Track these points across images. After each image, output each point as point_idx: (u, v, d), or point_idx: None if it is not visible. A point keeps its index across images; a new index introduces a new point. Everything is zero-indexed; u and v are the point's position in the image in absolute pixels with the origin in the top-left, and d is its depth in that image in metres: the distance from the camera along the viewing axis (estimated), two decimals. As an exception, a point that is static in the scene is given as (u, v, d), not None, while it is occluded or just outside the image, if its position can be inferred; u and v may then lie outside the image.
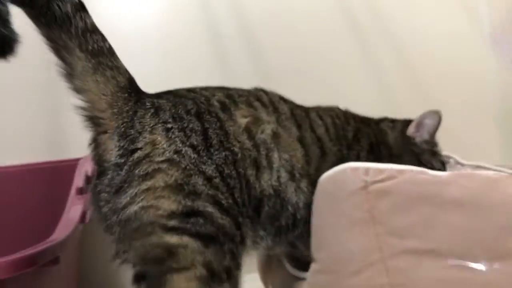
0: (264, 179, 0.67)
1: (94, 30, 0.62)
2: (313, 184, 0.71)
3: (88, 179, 0.87)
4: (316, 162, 0.74)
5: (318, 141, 0.75)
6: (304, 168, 0.71)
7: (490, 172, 0.68)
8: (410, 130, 0.86)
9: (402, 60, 1.38)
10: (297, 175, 0.70)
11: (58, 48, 0.61)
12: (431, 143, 0.86)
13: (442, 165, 0.85)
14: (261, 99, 0.73)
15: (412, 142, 0.85)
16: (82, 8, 0.61)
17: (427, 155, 0.84)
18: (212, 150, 0.62)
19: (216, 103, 0.68)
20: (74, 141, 1.07)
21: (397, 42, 1.38)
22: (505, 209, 0.61)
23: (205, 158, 0.61)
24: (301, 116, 0.77)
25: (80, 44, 0.60)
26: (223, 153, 0.63)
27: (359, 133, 0.82)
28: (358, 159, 0.77)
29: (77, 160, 1.01)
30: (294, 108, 0.78)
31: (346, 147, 0.79)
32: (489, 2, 1.39)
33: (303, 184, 0.71)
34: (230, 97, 0.70)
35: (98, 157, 0.62)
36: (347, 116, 0.85)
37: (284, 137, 0.71)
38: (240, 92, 0.73)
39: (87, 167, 0.91)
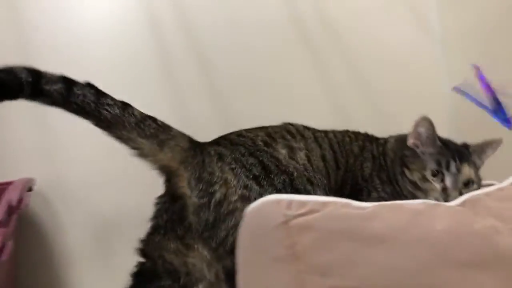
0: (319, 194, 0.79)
1: (144, 118, 0.77)
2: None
3: (11, 209, 0.82)
4: (333, 174, 0.85)
5: (334, 155, 0.87)
6: (326, 181, 0.83)
7: (418, 202, 0.66)
8: (410, 141, 0.88)
9: (354, 72, 1.36)
10: (327, 189, 0.82)
11: (124, 140, 0.76)
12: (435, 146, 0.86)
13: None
14: (290, 131, 0.86)
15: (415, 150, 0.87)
16: (127, 105, 0.77)
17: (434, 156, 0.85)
18: (272, 175, 0.76)
19: (260, 142, 0.81)
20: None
21: (348, 53, 1.35)
22: (427, 245, 0.59)
23: (266, 187, 0.74)
24: (321, 137, 0.88)
25: (138, 133, 0.75)
26: (282, 177, 0.76)
27: (364, 147, 0.91)
28: (361, 169, 0.87)
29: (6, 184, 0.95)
30: (315, 132, 0.90)
31: (353, 158, 0.88)
32: (439, 10, 1.38)
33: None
34: (269, 135, 0.84)
35: (173, 195, 0.77)
36: (356, 134, 0.94)
37: (313, 159, 0.83)
38: (275, 129, 0.87)
39: (12, 196, 0.85)
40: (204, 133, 1.27)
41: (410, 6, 1.42)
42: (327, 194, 0.81)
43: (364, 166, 0.88)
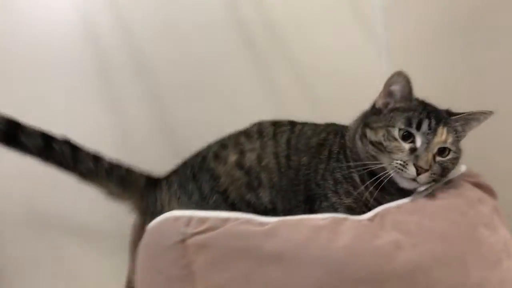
0: (264, 197, 0.78)
1: (112, 166, 0.86)
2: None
3: None
4: (286, 173, 0.81)
5: (288, 152, 0.82)
6: (277, 180, 0.80)
7: (324, 217, 0.64)
8: (379, 102, 0.79)
9: (298, 77, 1.35)
10: (277, 187, 0.79)
11: (94, 184, 0.85)
12: (409, 103, 0.77)
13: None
14: (249, 133, 0.85)
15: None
16: (98, 158, 0.86)
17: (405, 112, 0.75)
18: (206, 198, 0.78)
19: (210, 157, 0.83)
20: None
21: (292, 59, 1.34)
22: (324, 263, 0.58)
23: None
24: (282, 131, 0.85)
25: (108, 180, 0.85)
26: (214, 197, 0.78)
27: (324, 143, 0.84)
28: (316, 171, 0.80)
29: None
30: (280, 126, 0.86)
31: (309, 157, 0.82)
32: (383, 17, 1.39)
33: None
34: (223, 145, 0.85)
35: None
36: (326, 126, 0.88)
37: (265, 158, 0.81)
38: (233, 135, 0.87)
39: None
40: (142, 140, 1.25)
41: (355, 12, 1.42)
42: (277, 193, 0.79)
43: (319, 168, 0.80)
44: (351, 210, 0.75)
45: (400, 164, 0.71)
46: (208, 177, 0.80)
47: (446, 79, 1.31)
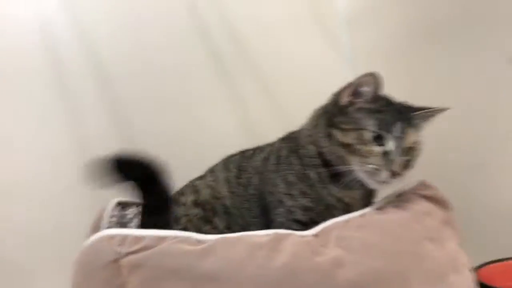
0: (220, 225, 0.80)
1: None
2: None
3: None
4: (241, 195, 0.82)
5: (238, 173, 0.84)
6: (230, 203, 0.82)
7: (265, 233, 0.63)
8: (344, 100, 0.76)
9: (262, 88, 1.34)
10: (230, 210, 0.81)
11: None
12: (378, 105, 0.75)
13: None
14: (202, 176, 0.89)
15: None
16: None
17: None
18: None
19: (176, 200, 0.83)
20: None
21: (256, 69, 1.33)
22: (261, 283, 0.56)
23: None
24: (232, 160, 0.88)
25: None
26: None
27: (269, 157, 0.84)
28: (266, 184, 0.80)
29: None
30: (233, 156, 0.89)
31: (257, 176, 0.82)
32: (348, 27, 1.39)
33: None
34: (181, 192, 0.87)
35: None
36: (278, 141, 0.88)
37: (217, 188, 0.84)
38: (189, 181, 0.89)
39: None
40: (101, 150, 1.22)
41: (319, 21, 1.43)
42: (230, 216, 0.81)
43: (269, 177, 0.80)
44: (309, 210, 0.75)
45: (373, 169, 0.70)
46: (174, 220, 0.81)
47: (406, 87, 1.33)
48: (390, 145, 0.71)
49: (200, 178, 0.89)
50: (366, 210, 0.73)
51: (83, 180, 1.12)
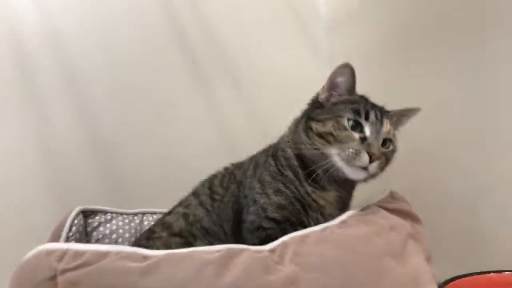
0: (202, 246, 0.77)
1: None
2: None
3: None
4: (215, 211, 0.80)
5: (210, 189, 0.83)
6: (206, 222, 0.79)
7: (216, 249, 0.60)
8: (323, 96, 0.80)
9: (240, 92, 1.32)
10: (208, 228, 0.79)
11: None
12: (354, 95, 0.79)
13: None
14: (170, 211, 0.87)
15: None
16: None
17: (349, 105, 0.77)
18: None
19: (143, 243, 0.79)
20: None
21: (234, 73, 1.31)
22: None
23: None
24: (208, 178, 0.88)
25: None
26: None
27: (249, 167, 0.84)
28: (242, 189, 0.80)
29: None
30: (195, 189, 0.88)
31: (235, 184, 0.82)
32: (328, 33, 1.37)
33: None
34: (152, 229, 0.84)
35: None
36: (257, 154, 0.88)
37: (192, 212, 0.81)
38: (165, 215, 0.86)
39: None
40: (69, 148, 1.17)
41: (300, 28, 1.41)
42: (208, 233, 0.79)
43: (245, 182, 0.81)
44: (283, 209, 0.75)
45: (353, 153, 0.71)
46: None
47: (385, 91, 1.31)
48: (367, 131, 0.74)
49: (169, 213, 0.86)
50: (329, 224, 0.70)
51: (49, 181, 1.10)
